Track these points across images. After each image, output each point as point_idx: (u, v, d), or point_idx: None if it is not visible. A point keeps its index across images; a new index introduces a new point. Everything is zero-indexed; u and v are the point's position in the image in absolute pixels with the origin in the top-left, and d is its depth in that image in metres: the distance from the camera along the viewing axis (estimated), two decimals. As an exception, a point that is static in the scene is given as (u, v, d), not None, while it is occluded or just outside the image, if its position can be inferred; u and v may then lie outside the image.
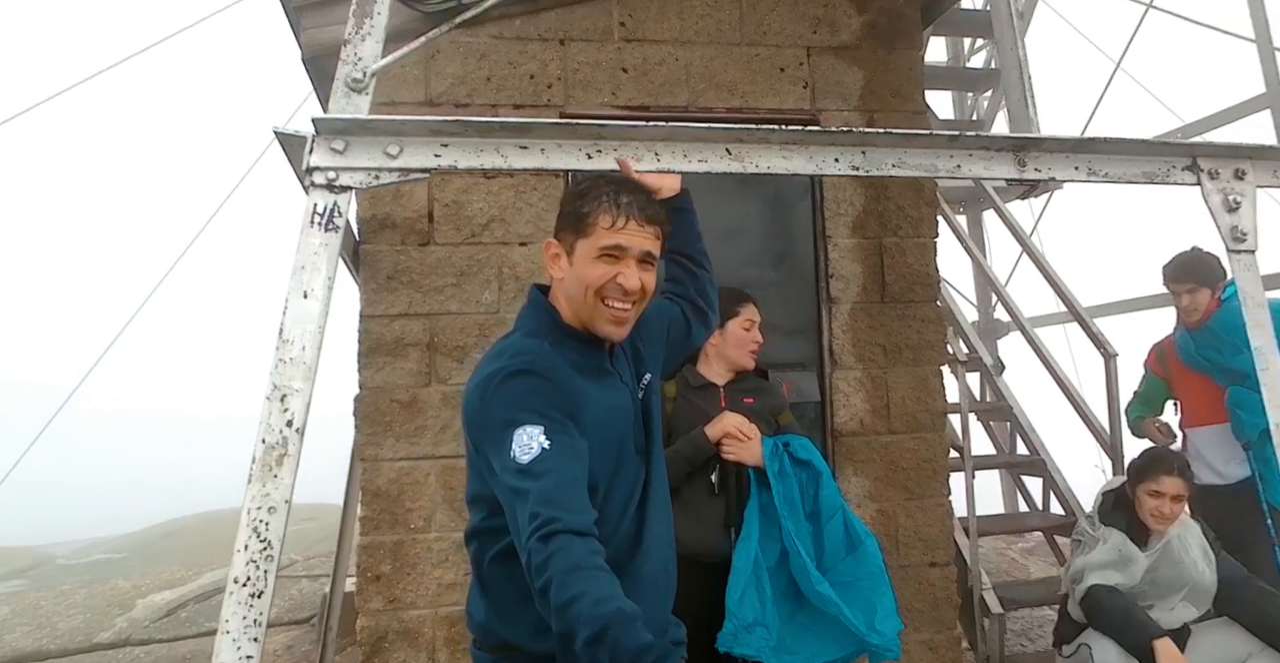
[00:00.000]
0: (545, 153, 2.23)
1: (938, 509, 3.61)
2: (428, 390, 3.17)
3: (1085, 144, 2.51)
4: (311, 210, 2.08)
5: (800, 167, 2.32)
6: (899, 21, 3.74)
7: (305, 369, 1.98)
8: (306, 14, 3.25)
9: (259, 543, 1.86)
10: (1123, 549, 3.07)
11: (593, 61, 3.49)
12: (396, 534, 3.08)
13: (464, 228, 3.29)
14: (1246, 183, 2.56)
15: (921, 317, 3.67)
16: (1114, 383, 4.39)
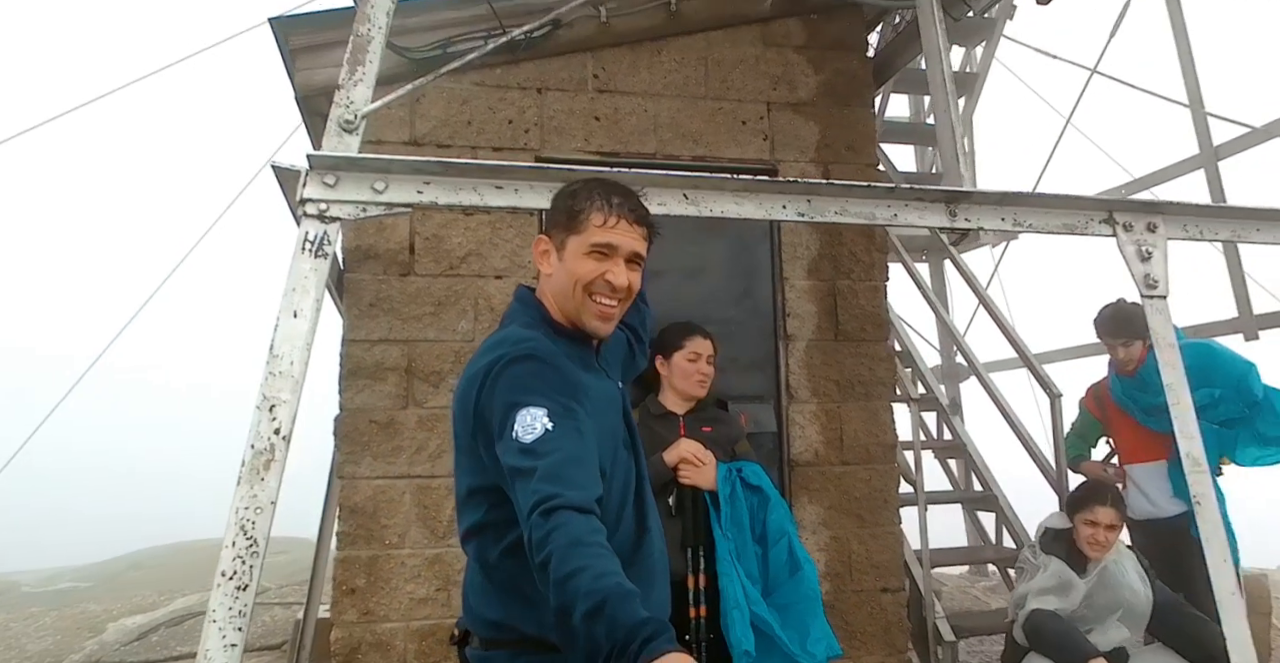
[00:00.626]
0: (518, 193, 2.46)
1: (888, 537, 3.80)
2: (405, 413, 3.34)
3: (1010, 197, 2.77)
4: (303, 238, 2.28)
5: (751, 212, 2.56)
6: (853, 81, 4.04)
7: (293, 382, 2.16)
8: (301, 56, 3.48)
9: (245, 540, 2.02)
10: (1062, 576, 3.27)
11: (567, 110, 3.74)
12: (372, 549, 3.23)
13: (443, 260, 3.50)
14: (1158, 235, 2.83)
15: (872, 354, 3.89)
16: (1059, 422, 4.63)
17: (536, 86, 3.73)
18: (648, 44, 3.85)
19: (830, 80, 4.02)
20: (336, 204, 2.33)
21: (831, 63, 4.02)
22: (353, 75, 2.48)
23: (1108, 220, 2.79)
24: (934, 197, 2.69)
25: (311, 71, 3.47)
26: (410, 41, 3.47)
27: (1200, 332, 4.98)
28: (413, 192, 2.40)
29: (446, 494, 3.34)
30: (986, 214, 2.72)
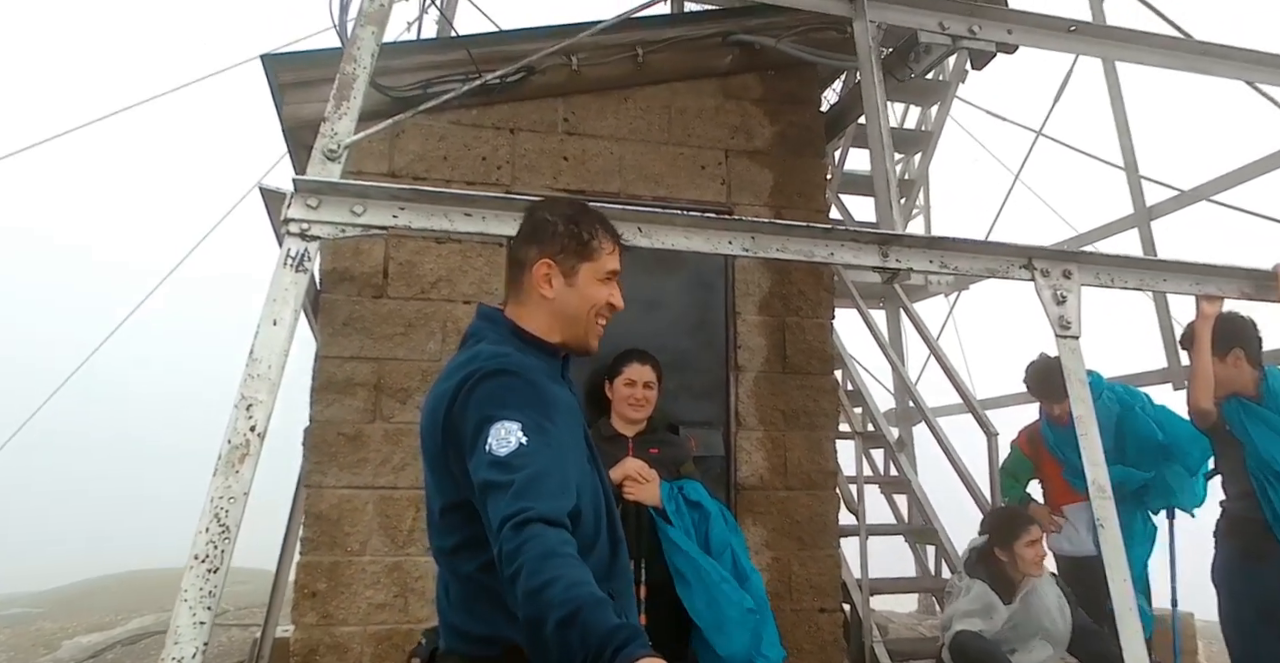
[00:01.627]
0: (485, 220, 2.70)
1: (827, 560, 4.00)
2: (372, 426, 3.53)
3: (937, 242, 3.06)
4: (285, 253, 2.50)
5: (700, 245, 2.81)
6: (805, 133, 4.36)
7: (269, 385, 2.36)
8: (289, 91, 3.72)
9: (219, 527, 2.20)
10: (985, 599, 3.48)
11: (538, 149, 4.01)
12: (334, 556, 3.38)
13: (415, 285, 3.72)
14: (1073, 281, 3.11)
15: (817, 387, 4.14)
16: (994, 459, 4.88)
17: (509, 127, 3.99)
18: (615, 91, 4.14)
19: (784, 131, 4.33)
20: (318, 224, 2.55)
21: (786, 115, 4.34)
22: (338, 109, 2.71)
23: (1027, 266, 3.07)
24: (868, 238, 2.96)
25: (299, 105, 3.71)
26: (393, 81, 3.72)
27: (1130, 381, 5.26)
28: (388, 215, 2.63)
29: (408, 505, 3.51)
30: (916, 256, 3.00)
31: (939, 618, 7.79)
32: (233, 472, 2.26)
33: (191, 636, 2.10)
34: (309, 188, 2.55)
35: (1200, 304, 3.32)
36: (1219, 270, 3.28)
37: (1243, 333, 3.40)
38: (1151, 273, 3.24)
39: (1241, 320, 3.42)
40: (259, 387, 2.35)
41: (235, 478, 2.26)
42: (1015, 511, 3.78)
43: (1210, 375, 3.34)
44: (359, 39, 2.80)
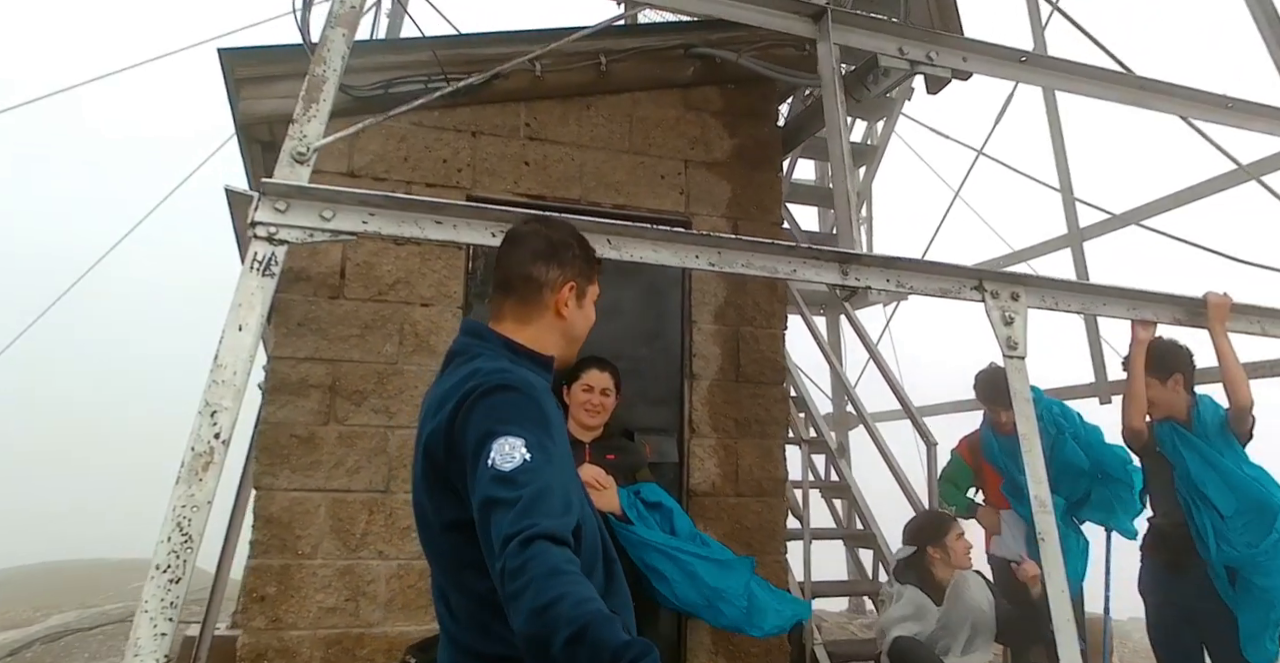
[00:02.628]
0: (456, 228, 2.70)
1: (775, 565, 4.09)
2: (325, 428, 3.48)
3: (895, 262, 3.15)
4: (252, 257, 2.47)
5: (667, 259, 2.86)
6: (763, 147, 4.44)
7: (234, 391, 2.32)
8: (246, 86, 3.64)
9: (181, 536, 2.16)
10: (917, 602, 3.61)
11: (499, 153, 4.00)
12: (284, 559, 3.33)
13: (372, 286, 3.68)
14: (1020, 303, 3.25)
15: (769, 396, 4.23)
16: (934, 468, 5.05)
17: (471, 130, 3.98)
18: (578, 99, 4.16)
19: (743, 144, 4.40)
20: (285, 229, 2.52)
21: (745, 129, 4.41)
22: (306, 111, 2.68)
23: (978, 287, 3.20)
24: (829, 257, 3.04)
25: (255, 101, 3.63)
26: (354, 80, 3.67)
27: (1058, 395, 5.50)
28: (358, 221, 2.61)
29: (361, 508, 3.48)
30: (874, 275, 3.09)
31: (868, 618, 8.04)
32: (196, 480, 2.23)
33: (152, 648, 2.06)
34: (278, 191, 2.52)
35: (1135, 329, 3.49)
36: (1153, 297, 3.46)
37: (1183, 360, 3.57)
38: (1092, 298, 3.40)
39: (1181, 348, 3.59)
40: (224, 393, 2.32)
41: (199, 486, 2.22)
42: (936, 512, 3.95)
43: (1144, 397, 3.52)
44: (329, 41, 2.76)
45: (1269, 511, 3.23)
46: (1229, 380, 3.41)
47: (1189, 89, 3.92)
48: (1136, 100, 3.89)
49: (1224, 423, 3.41)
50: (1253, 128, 4.13)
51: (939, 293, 3.19)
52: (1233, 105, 4.02)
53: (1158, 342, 3.56)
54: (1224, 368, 3.41)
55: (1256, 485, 3.30)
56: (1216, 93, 3.96)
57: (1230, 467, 3.35)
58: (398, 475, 3.56)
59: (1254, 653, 3.22)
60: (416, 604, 3.50)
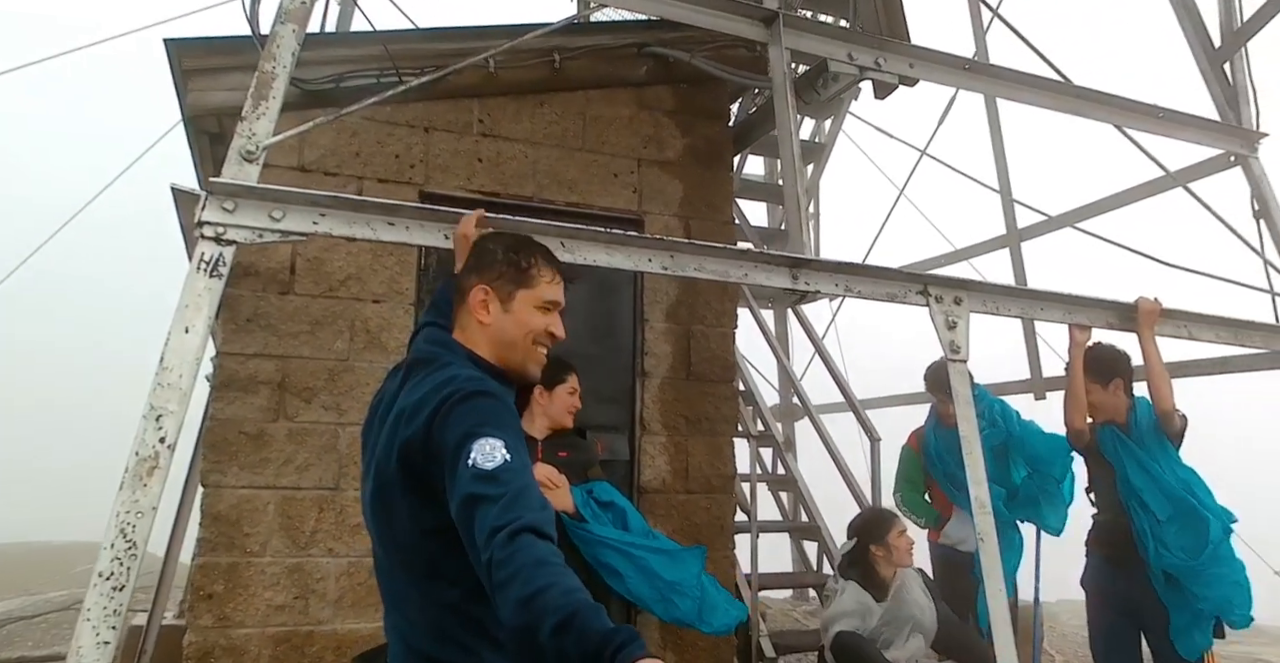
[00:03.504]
0: (409, 230, 2.70)
1: (724, 560, 4.16)
2: (275, 425, 3.45)
3: (843, 267, 3.23)
4: (199, 258, 2.43)
5: (621, 262, 2.89)
6: (715, 146, 4.48)
7: (180, 394, 2.30)
8: (194, 78, 3.56)
9: (125, 543, 2.14)
10: (860, 599, 3.71)
11: (452, 150, 3.98)
12: (232, 556, 3.30)
13: (322, 282, 3.64)
14: (963, 307, 3.35)
15: (719, 394, 4.29)
16: (877, 462, 5.19)
17: (424, 125, 3.95)
18: (531, 96, 4.15)
19: (695, 144, 4.44)
20: (234, 229, 2.49)
21: (697, 128, 4.45)
22: (256, 109, 2.64)
23: (923, 292, 3.29)
24: (780, 261, 3.11)
25: (204, 93, 3.56)
26: (304, 73, 3.61)
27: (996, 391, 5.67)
28: (308, 222, 2.59)
29: (311, 506, 3.46)
30: (823, 280, 3.16)
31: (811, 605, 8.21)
32: (140, 485, 2.20)
33: (95, 657, 2.04)
34: (226, 190, 2.49)
35: (1072, 332, 3.62)
36: (1088, 302, 3.60)
37: (1122, 365, 3.69)
38: (1031, 302, 3.52)
39: (1120, 353, 3.71)
40: (169, 396, 2.29)
41: (144, 492, 2.20)
42: (881, 509, 4.05)
43: (1083, 398, 3.66)
44: (279, 37, 2.73)
45: (1199, 518, 3.38)
46: (1153, 384, 3.56)
47: (1123, 99, 4.06)
48: (1074, 109, 4.02)
49: (1156, 425, 3.56)
50: (1181, 137, 4.31)
51: (886, 297, 3.28)
52: (1163, 115, 4.19)
53: (1099, 347, 3.69)
54: (1149, 372, 3.56)
55: (1185, 492, 3.44)
56: (1149, 103, 4.12)
57: (1162, 472, 3.49)
58: (348, 473, 3.55)
59: (1184, 646, 3.38)
60: (367, 602, 3.49)
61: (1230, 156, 4.43)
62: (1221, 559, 3.34)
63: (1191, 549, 3.36)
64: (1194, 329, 3.79)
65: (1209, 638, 3.41)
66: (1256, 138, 4.41)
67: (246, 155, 2.57)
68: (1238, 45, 4.48)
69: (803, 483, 5.88)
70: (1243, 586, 3.35)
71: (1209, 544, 3.32)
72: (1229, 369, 4.48)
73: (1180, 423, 3.56)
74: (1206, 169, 4.58)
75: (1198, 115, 4.32)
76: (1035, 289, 3.52)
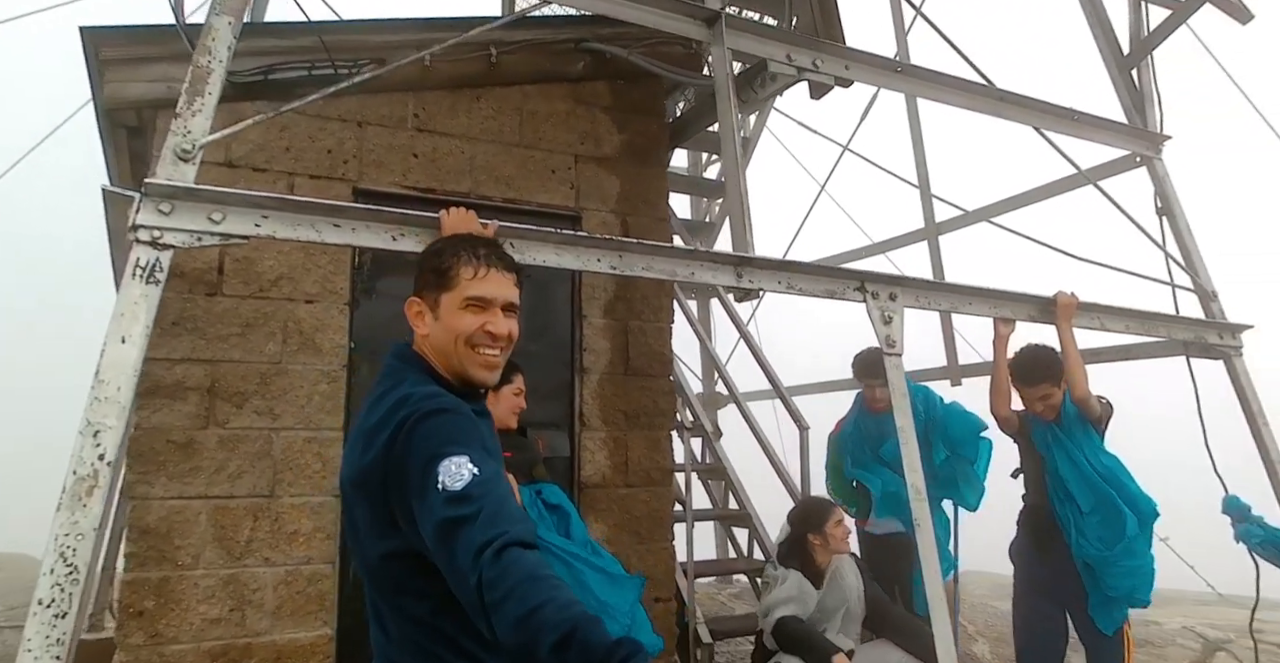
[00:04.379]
0: (355, 231, 2.63)
1: (663, 552, 4.22)
2: (205, 433, 3.32)
3: (786, 265, 3.30)
4: (134, 263, 2.33)
5: (570, 262, 2.88)
6: (651, 142, 4.49)
7: (119, 409, 2.20)
8: (112, 68, 3.37)
9: (65, 567, 2.04)
10: (800, 586, 3.82)
11: (386, 145, 3.88)
12: (163, 571, 3.16)
13: (253, 282, 3.51)
14: (898, 303, 3.46)
15: (657, 389, 4.32)
16: (806, 450, 5.31)
17: (357, 120, 3.84)
18: (467, 90, 4.07)
19: (631, 140, 4.44)
20: (171, 232, 2.39)
21: (633, 124, 4.45)
22: (190, 105, 2.52)
23: (860, 288, 3.39)
24: (725, 260, 3.15)
25: (123, 85, 3.37)
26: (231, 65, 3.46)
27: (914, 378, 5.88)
28: (250, 224, 2.50)
29: (244, 515, 3.35)
30: (766, 278, 3.23)
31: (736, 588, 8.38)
32: (80, 506, 2.10)
33: (40, 687, 1.94)
34: (162, 192, 2.38)
35: (996, 325, 3.79)
36: (1011, 296, 3.76)
37: (1052, 370, 3.81)
38: (959, 297, 3.66)
39: (1042, 358, 3.84)
40: (107, 411, 2.19)
41: (83, 512, 2.10)
42: (820, 499, 4.17)
43: (1007, 386, 3.83)
44: (214, 29, 2.61)
45: (1118, 511, 3.59)
46: (1070, 373, 3.75)
47: (1043, 102, 4.25)
48: (996, 110, 4.18)
49: (1080, 414, 3.76)
50: (1094, 139, 4.53)
51: (826, 294, 3.36)
52: (1078, 118, 4.39)
53: (1025, 354, 3.84)
54: (1067, 361, 3.75)
55: (1105, 485, 3.64)
56: (1066, 107, 4.31)
57: (1087, 463, 3.68)
58: (283, 479, 3.45)
59: (1103, 621, 3.60)
60: (305, 611, 3.41)
61: (1136, 157, 4.68)
62: (1135, 552, 3.57)
63: (1108, 540, 3.57)
64: (1106, 321, 4.01)
65: (1125, 612, 3.65)
66: (1160, 140, 4.67)
67: (182, 154, 2.46)
68: (1144, 53, 4.72)
69: (732, 472, 5.99)
70: (1147, 573, 3.59)
71: (1124, 538, 3.53)
72: (1133, 356, 4.74)
73: (1101, 410, 3.77)
74: (1114, 168, 4.82)
75: (1109, 118, 4.54)
76: (963, 285, 3.66)
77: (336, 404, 3.59)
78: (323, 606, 3.45)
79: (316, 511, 3.49)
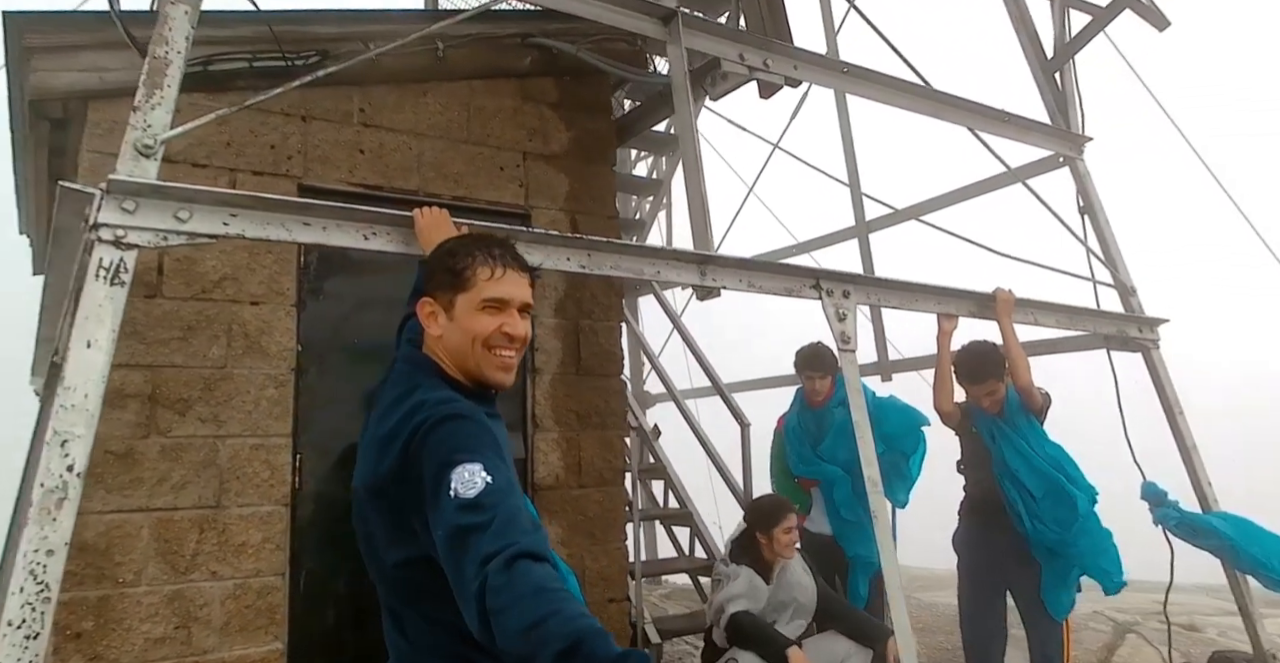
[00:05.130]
0: (326, 230, 2.55)
1: (616, 552, 4.21)
2: (146, 442, 3.14)
3: (747, 263, 3.34)
4: (97, 264, 2.20)
5: (538, 260, 2.85)
6: (598, 140, 4.48)
7: (87, 416, 2.08)
8: (39, 56, 3.16)
9: (35, 586, 1.92)
10: (752, 582, 3.87)
11: (332, 140, 3.75)
12: (103, 589, 2.98)
13: (194, 283, 3.35)
14: (850, 300, 3.54)
15: (608, 388, 4.32)
16: (748, 448, 5.39)
17: (301, 114, 3.70)
18: (413, 85, 3.98)
19: (579, 137, 4.41)
20: (135, 231, 2.27)
21: (581, 122, 4.43)
22: (150, 98, 2.40)
23: (815, 286, 3.46)
24: (690, 258, 3.18)
25: (50, 74, 3.16)
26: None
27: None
28: (218, 223, 2.40)
29: (190, 527, 3.19)
30: (728, 275, 3.26)
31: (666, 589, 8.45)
32: (49, 520, 1.98)
33: (13, 716, 1.82)
34: (126, 189, 2.25)
35: (940, 321, 3.92)
36: (955, 293, 3.91)
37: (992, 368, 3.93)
38: (907, 295, 3.78)
39: (982, 357, 3.96)
40: (75, 419, 2.07)
41: (53, 527, 1.98)
42: (779, 500, 4.23)
43: (950, 382, 3.97)
44: (170, 19, 2.49)
45: (1067, 494, 3.76)
46: (1012, 363, 3.92)
47: (977, 104, 4.42)
48: (935, 111, 4.33)
49: (1022, 404, 3.92)
50: (1023, 140, 4.75)
51: (784, 292, 3.43)
52: (1009, 119, 4.59)
53: (969, 353, 3.97)
54: (1009, 352, 3.91)
55: (1053, 470, 3.81)
56: (998, 108, 4.50)
57: (1033, 452, 3.84)
58: (230, 489, 3.30)
59: (1053, 603, 3.77)
60: (255, 625, 3.27)
61: (1060, 158, 4.92)
62: (1090, 532, 3.74)
63: (1064, 522, 3.73)
64: (1039, 315, 4.21)
65: (1073, 597, 3.83)
66: (1083, 141, 4.93)
67: (144, 149, 2.34)
68: (1067, 57, 4.97)
69: (672, 470, 6.03)
70: (1111, 553, 3.76)
71: (1079, 518, 3.71)
72: (1058, 350, 4.97)
73: (1042, 400, 3.94)
74: (1039, 168, 5.04)
75: (1037, 120, 4.76)
76: (912, 282, 3.78)
77: (284, 409, 3.47)
78: (273, 620, 3.32)
79: (265, 521, 3.36)
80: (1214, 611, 7.74)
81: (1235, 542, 4.00)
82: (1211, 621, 7.36)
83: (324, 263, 3.70)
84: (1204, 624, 7.24)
